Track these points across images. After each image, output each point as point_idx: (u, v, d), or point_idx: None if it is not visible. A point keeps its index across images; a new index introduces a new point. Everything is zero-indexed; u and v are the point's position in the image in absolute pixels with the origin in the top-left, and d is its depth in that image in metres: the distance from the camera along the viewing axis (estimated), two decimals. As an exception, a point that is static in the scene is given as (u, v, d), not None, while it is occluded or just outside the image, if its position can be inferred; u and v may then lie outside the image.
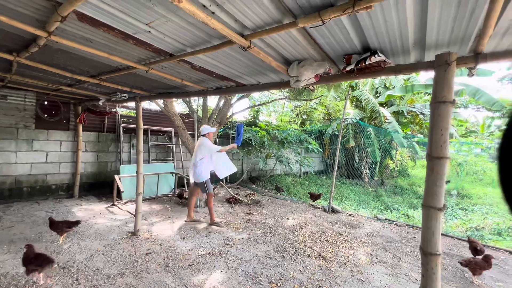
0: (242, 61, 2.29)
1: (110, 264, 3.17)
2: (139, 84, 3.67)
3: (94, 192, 6.36)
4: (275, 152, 8.61)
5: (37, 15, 1.76)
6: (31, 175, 5.55)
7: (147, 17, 1.64)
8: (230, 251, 3.73)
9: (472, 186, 10.60)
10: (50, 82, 4.05)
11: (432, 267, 1.59)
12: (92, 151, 6.45)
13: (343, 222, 5.49)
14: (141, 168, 4.16)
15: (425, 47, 1.65)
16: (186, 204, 6.02)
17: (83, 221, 4.47)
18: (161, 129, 7.58)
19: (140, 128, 4.10)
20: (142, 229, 4.24)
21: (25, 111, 5.46)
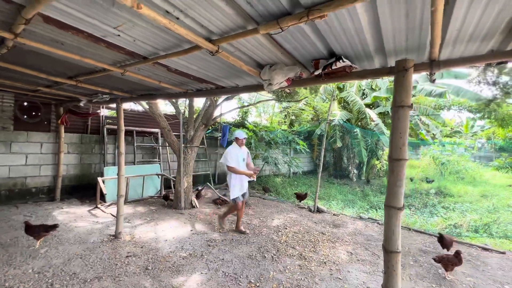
0: (217, 64, 2.32)
1: (88, 268, 3.13)
2: (119, 86, 3.63)
3: (77, 195, 6.24)
4: (262, 153, 8.65)
5: (1, 17, 1.74)
6: (9, 178, 5.40)
7: (114, 21, 1.64)
8: (212, 252, 3.75)
9: (454, 184, 10.95)
10: (27, 83, 3.96)
11: (392, 264, 1.66)
12: (75, 153, 6.33)
13: (327, 221, 5.59)
14: (123, 170, 4.11)
15: (385, 54, 1.72)
16: (171, 205, 5.99)
17: (63, 224, 4.39)
18: (147, 130, 7.50)
19: (121, 129, 4.05)
20: (124, 231, 4.20)
21: (3, 112, 5.31)
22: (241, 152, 4.34)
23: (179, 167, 5.93)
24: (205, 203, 6.54)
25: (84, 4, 1.46)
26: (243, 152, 4.39)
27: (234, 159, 4.18)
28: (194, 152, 6.22)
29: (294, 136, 9.75)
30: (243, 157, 4.35)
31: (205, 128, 6.28)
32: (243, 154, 4.39)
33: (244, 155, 4.39)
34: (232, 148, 4.28)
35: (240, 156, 4.27)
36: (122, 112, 4.12)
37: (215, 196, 7.03)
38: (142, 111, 7.50)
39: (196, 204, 6.09)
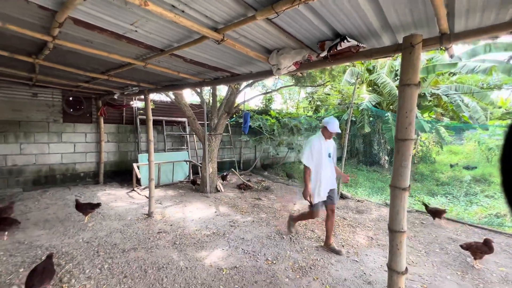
0: (227, 52, 2.41)
1: (126, 240, 3.59)
2: (145, 78, 3.93)
3: (117, 179, 6.97)
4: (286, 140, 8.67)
5: (41, 23, 2.02)
6: (62, 164, 6.24)
7: (130, 18, 1.82)
8: (233, 232, 4.00)
9: (502, 172, 9.83)
10: (69, 79, 4.47)
11: (397, 244, 1.67)
12: (113, 142, 7.02)
13: (350, 207, 5.52)
14: (153, 156, 4.51)
15: (393, 30, 1.64)
16: (198, 189, 6.41)
17: (105, 204, 5.00)
18: (175, 120, 7.97)
19: (150, 119, 4.41)
20: (156, 211, 4.65)
21: (54, 106, 6.07)
22: (327, 145, 3.26)
23: (205, 154, 6.26)
24: (230, 188, 6.86)
25: (103, 5, 1.65)
26: (328, 145, 3.29)
27: (314, 155, 3.17)
28: (218, 139, 6.50)
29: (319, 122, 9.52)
30: (328, 152, 3.27)
31: (228, 116, 6.48)
32: (329, 148, 3.29)
33: (330, 149, 3.31)
34: (315, 139, 3.23)
35: (324, 151, 3.20)
36: (149, 102, 4.46)
37: (239, 181, 7.32)
38: (170, 102, 7.95)
39: (221, 188, 6.43)
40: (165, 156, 7.18)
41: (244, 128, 6.19)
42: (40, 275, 2.22)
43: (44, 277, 2.24)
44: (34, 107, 5.82)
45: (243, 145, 9.62)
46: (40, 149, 5.92)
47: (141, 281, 2.69)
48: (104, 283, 2.61)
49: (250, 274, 2.89)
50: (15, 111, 5.60)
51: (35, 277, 2.19)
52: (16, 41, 2.55)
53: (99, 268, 2.86)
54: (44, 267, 2.32)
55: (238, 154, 9.56)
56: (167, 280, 2.71)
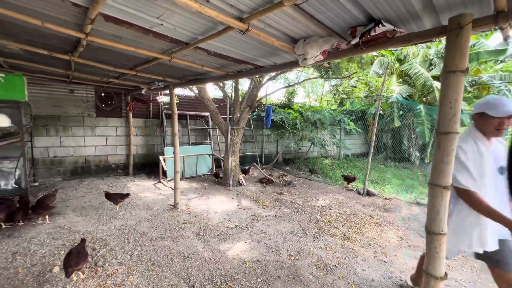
0: (252, 44, 2.35)
1: (153, 229, 3.75)
2: (170, 73, 4.02)
3: (144, 170, 7.31)
4: (308, 134, 8.46)
5: (75, 20, 2.11)
6: (96, 156, 6.67)
7: (156, 12, 1.83)
8: (256, 226, 4.01)
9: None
10: (101, 76, 4.71)
11: (435, 246, 1.53)
12: (141, 135, 7.34)
13: (377, 205, 5.27)
14: (177, 149, 4.63)
15: (436, 11, 1.46)
16: (221, 182, 6.51)
17: (134, 194, 5.27)
18: (199, 114, 8.12)
19: (175, 113, 4.52)
20: (181, 203, 4.80)
21: (88, 102, 6.48)
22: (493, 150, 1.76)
23: (227, 147, 6.32)
24: (252, 182, 6.88)
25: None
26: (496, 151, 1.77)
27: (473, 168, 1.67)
28: (240, 133, 6.51)
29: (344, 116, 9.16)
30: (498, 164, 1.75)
31: (250, 110, 6.45)
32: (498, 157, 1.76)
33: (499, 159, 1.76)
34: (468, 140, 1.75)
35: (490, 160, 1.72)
36: (174, 97, 4.56)
37: (261, 175, 7.31)
38: (194, 97, 8.10)
39: (243, 182, 6.47)
40: (189, 150, 7.37)
41: (266, 122, 6.13)
42: (76, 257, 2.40)
43: (79, 259, 2.42)
44: (71, 103, 6.25)
45: (264, 139, 9.58)
46: (76, 142, 6.37)
47: (168, 269, 2.79)
48: (134, 269, 2.74)
49: (273, 268, 2.88)
50: (55, 106, 6.06)
51: (71, 259, 2.37)
52: (54, 40, 2.71)
53: (129, 255, 3.02)
54: (78, 251, 2.50)
55: (260, 148, 9.54)
56: (192, 270, 2.78)
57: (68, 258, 2.39)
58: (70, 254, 2.44)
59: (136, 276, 2.64)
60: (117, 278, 2.58)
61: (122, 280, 2.56)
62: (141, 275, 2.66)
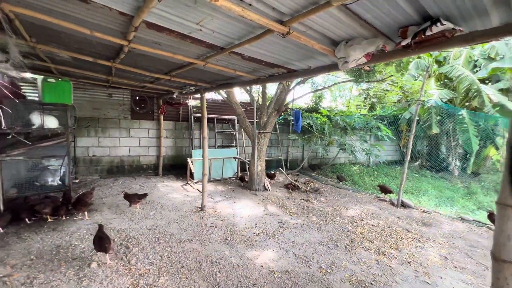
0: (288, 47, 2.28)
1: (182, 231, 3.81)
2: (202, 77, 4.09)
3: (173, 172, 7.55)
4: (337, 139, 8.16)
5: (120, 29, 2.22)
6: (129, 156, 7.03)
7: (196, 17, 1.84)
8: (283, 234, 3.90)
9: None
10: (137, 81, 4.96)
11: (506, 277, 1.32)
12: (171, 138, 7.61)
13: (414, 218, 4.87)
14: (206, 152, 4.70)
15: (510, 5, 1.27)
16: (246, 186, 6.49)
17: (163, 195, 5.43)
18: (225, 117, 8.23)
19: (205, 116, 4.59)
20: (208, 205, 4.85)
21: (124, 105, 6.87)
22: None
23: (253, 151, 6.29)
24: (277, 187, 6.76)
25: (173, 6, 1.69)
26: None
27: None
28: (267, 137, 6.46)
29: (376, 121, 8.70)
30: None
31: (278, 114, 6.38)
32: None
33: None
34: None
35: None
36: (205, 101, 4.64)
37: (287, 181, 7.17)
38: (221, 100, 8.23)
39: (268, 187, 6.39)
40: (216, 152, 7.47)
41: (296, 127, 6.01)
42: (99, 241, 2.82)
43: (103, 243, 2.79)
44: (109, 106, 6.67)
45: (290, 144, 9.42)
46: (113, 143, 6.77)
47: (197, 273, 2.79)
48: (165, 270, 2.78)
49: (303, 281, 2.75)
50: (95, 109, 6.50)
51: (102, 243, 2.79)
52: (99, 48, 2.88)
53: (160, 255, 3.08)
54: (100, 236, 2.86)
55: (285, 152, 9.40)
56: (221, 276, 2.75)
57: (98, 243, 2.81)
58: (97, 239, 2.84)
59: (167, 278, 2.67)
60: (149, 278, 2.63)
61: (154, 281, 2.60)
62: (171, 277, 2.68)
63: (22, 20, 2.29)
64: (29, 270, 2.63)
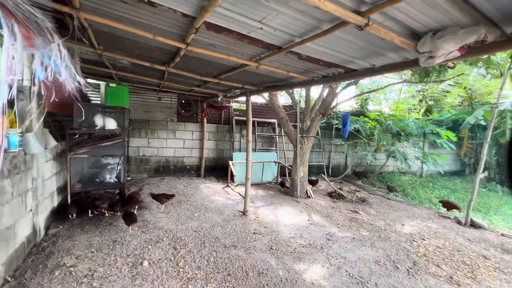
0: (355, 43, 2.04)
1: (226, 235, 3.75)
2: (249, 80, 4.03)
3: (214, 173, 7.68)
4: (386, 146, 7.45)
5: (180, 32, 2.23)
6: (174, 157, 7.35)
7: (260, 14, 1.73)
8: (332, 248, 3.59)
9: None
10: (185, 84, 5.12)
11: None
12: (213, 140, 7.77)
13: (490, 242, 4.12)
14: (250, 156, 4.62)
15: None
16: (287, 192, 6.26)
17: (206, 196, 5.50)
18: (266, 121, 8.13)
19: (250, 120, 4.52)
20: (249, 210, 4.75)
21: (171, 108, 7.22)
22: None
23: (296, 156, 6.05)
24: (320, 195, 6.40)
25: (238, 2, 1.60)
26: None
27: None
28: (310, 142, 6.16)
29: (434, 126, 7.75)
30: None
31: (322, 118, 6.05)
32: None
33: None
34: None
35: None
36: (250, 104, 4.57)
37: (329, 188, 6.76)
38: (261, 104, 8.17)
39: (311, 194, 6.07)
40: (256, 156, 7.39)
41: (342, 132, 5.62)
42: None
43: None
44: (158, 109, 7.08)
45: (332, 149, 8.92)
46: (160, 144, 7.15)
47: (244, 283, 2.66)
48: (212, 277, 2.72)
49: (363, 307, 2.43)
50: (146, 112, 6.95)
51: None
52: (157, 53, 2.98)
53: (206, 260, 3.04)
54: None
55: (327, 158, 8.93)
56: (269, 290, 2.58)
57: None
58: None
59: (214, 285, 2.59)
60: (197, 283, 2.59)
61: (202, 286, 2.55)
62: (219, 284, 2.60)
63: (94, 29, 2.45)
64: (90, 262, 2.80)
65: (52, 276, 2.52)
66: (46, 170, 3.56)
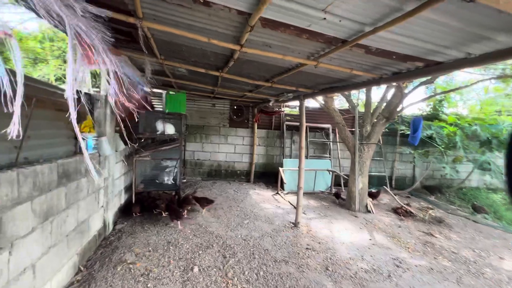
0: (449, 25, 1.60)
1: (276, 248, 3.51)
2: (304, 82, 3.76)
3: (263, 179, 7.56)
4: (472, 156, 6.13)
5: (234, 33, 2.14)
6: (226, 162, 7.50)
7: (324, 1, 1.48)
8: (403, 277, 2.99)
9: None
10: (238, 90, 5.15)
11: None
12: (263, 146, 7.68)
13: None
14: (303, 163, 4.31)
15: None
16: (343, 205, 5.68)
17: (256, 203, 5.37)
18: (319, 126, 7.66)
19: (303, 125, 4.24)
20: (301, 222, 4.41)
21: (224, 114, 7.43)
22: None
23: (354, 165, 5.46)
24: (383, 210, 5.61)
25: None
26: None
27: None
28: (371, 149, 5.48)
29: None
30: None
31: (386, 123, 5.32)
32: None
33: None
34: None
35: None
36: (304, 108, 4.29)
37: (394, 203, 5.88)
38: (313, 108, 7.73)
39: (372, 209, 5.36)
40: (308, 163, 6.95)
41: (412, 139, 4.82)
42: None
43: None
44: (212, 115, 7.36)
45: (397, 158, 7.84)
46: (213, 148, 7.40)
47: (297, 307, 2.37)
48: (262, 294, 2.51)
49: None
50: (201, 118, 7.31)
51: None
52: (212, 58, 3.00)
53: (255, 273, 2.86)
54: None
55: (389, 168, 7.88)
56: (327, 321, 2.23)
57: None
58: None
59: (264, 304, 2.37)
60: (246, 300, 2.41)
61: (251, 304, 2.36)
62: (269, 305, 2.37)
63: (156, 39, 2.58)
64: (147, 261, 2.91)
65: (115, 271, 2.68)
66: (116, 171, 3.95)
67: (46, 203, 2.09)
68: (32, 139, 2.25)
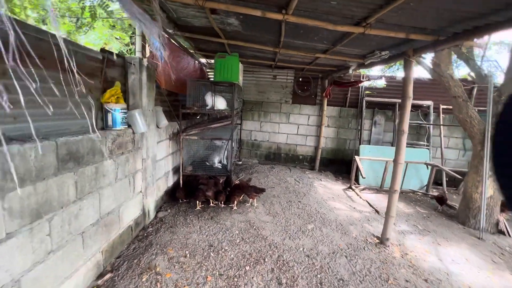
0: None
1: (356, 277, 2.38)
2: (420, 23, 2.25)
3: (331, 168, 6.24)
4: None
5: None
6: (286, 144, 6.46)
7: None
8: None
9: None
10: (306, 50, 3.87)
11: None
12: (333, 127, 6.25)
13: None
14: (402, 155, 2.89)
15: None
16: (451, 215, 3.96)
17: (323, 200, 4.22)
18: (414, 103, 5.67)
19: (409, 97, 2.74)
20: (390, 237, 3.08)
21: (286, 88, 6.25)
22: None
23: (478, 160, 3.62)
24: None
25: None
26: None
27: None
28: None
29: None
30: None
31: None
32: None
33: None
34: None
35: None
36: (411, 71, 2.76)
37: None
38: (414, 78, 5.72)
39: (507, 229, 3.51)
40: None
41: None
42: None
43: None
44: (272, 89, 6.29)
45: None
46: (272, 128, 6.42)
47: None
48: None
49: None
50: (260, 92, 6.33)
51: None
52: None
53: (326, 325, 1.84)
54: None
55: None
56: None
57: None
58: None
59: None
60: None
61: None
62: None
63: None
64: (179, 273, 2.24)
65: (139, 281, 2.10)
66: (160, 151, 3.41)
67: (35, 196, 1.51)
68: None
